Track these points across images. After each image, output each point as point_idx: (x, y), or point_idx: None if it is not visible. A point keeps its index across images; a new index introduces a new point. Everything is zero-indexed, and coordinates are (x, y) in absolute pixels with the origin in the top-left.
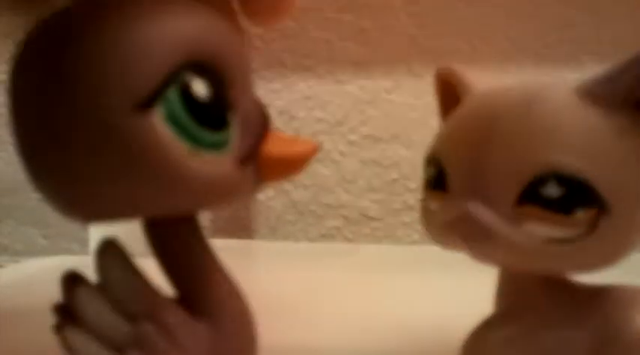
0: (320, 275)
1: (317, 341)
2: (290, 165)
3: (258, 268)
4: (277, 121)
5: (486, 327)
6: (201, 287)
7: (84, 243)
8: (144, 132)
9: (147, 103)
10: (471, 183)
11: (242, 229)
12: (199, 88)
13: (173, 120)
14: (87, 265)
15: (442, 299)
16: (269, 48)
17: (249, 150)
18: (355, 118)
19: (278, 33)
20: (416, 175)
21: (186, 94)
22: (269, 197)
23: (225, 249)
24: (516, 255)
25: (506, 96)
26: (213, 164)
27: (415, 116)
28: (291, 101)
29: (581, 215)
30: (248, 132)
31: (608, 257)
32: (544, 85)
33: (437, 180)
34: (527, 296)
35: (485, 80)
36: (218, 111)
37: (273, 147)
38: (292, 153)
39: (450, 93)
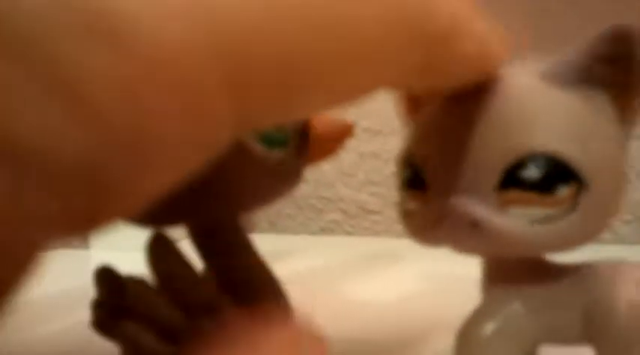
0: (320, 269)
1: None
2: (333, 145)
3: None
4: None
5: (478, 318)
6: (245, 284)
7: (84, 237)
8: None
9: None
10: (450, 179)
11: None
12: None
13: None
14: (86, 259)
15: (440, 292)
16: None
17: (304, 137)
18: (354, 111)
19: None
20: None
21: None
22: None
23: None
24: (504, 241)
25: (471, 88)
26: (284, 159)
27: None
28: None
29: (563, 192)
30: (301, 121)
31: (590, 232)
32: (508, 71)
33: (413, 180)
34: (513, 282)
35: None
36: None
37: (321, 127)
38: (337, 130)
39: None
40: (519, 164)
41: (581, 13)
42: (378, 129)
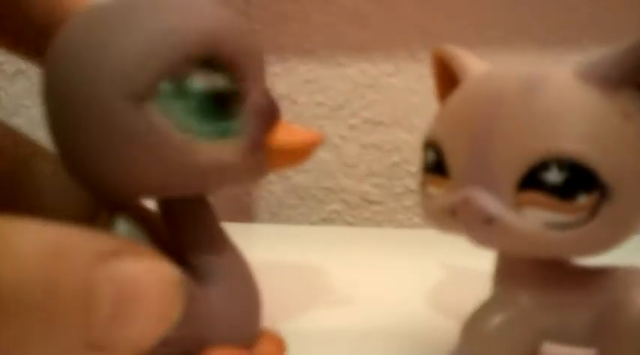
0: (321, 259)
1: (316, 323)
2: (296, 154)
3: (259, 252)
4: None
5: (485, 310)
6: (208, 256)
7: None
8: (138, 121)
9: (142, 96)
10: (471, 169)
11: (243, 213)
12: (199, 81)
13: (168, 112)
14: None
15: (442, 282)
16: (269, 31)
17: (259, 139)
18: (356, 102)
19: (279, 16)
20: (417, 159)
21: (185, 87)
22: (270, 181)
23: None
24: (517, 241)
25: (506, 80)
26: (218, 151)
27: (416, 100)
28: (291, 85)
29: (583, 200)
30: (258, 121)
31: (609, 241)
32: (545, 68)
33: (436, 165)
34: (525, 278)
35: (482, 62)
36: (221, 103)
37: (281, 135)
38: (299, 141)
39: (447, 75)
40: (542, 165)
41: (602, 3)
42: (379, 120)
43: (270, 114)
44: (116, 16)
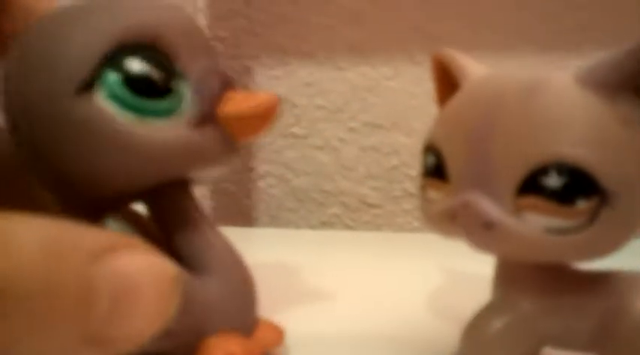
0: (320, 263)
1: (316, 327)
2: (256, 119)
3: (258, 256)
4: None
5: (485, 315)
6: (197, 247)
7: None
8: (87, 110)
9: (86, 86)
10: (471, 173)
11: (243, 216)
12: (135, 65)
13: (114, 96)
14: None
15: (442, 286)
16: (269, 34)
17: (203, 112)
18: (355, 105)
19: (278, 19)
20: (416, 162)
21: (124, 72)
22: (269, 185)
23: None
24: (516, 245)
25: (506, 84)
26: (164, 130)
27: (415, 103)
28: (291, 88)
29: (582, 205)
30: (203, 96)
31: (608, 246)
32: (544, 73)
33: (436, 169)
34: (526, 283)
35: (482, 66)
36: (159, 82)
37: (231, 104)
38: (252, 106)
39: (447, 79)
40: (542, 170)
41: (603, 7)
42: (379, 123)
43: (214, 88)
44: (61, 20)
